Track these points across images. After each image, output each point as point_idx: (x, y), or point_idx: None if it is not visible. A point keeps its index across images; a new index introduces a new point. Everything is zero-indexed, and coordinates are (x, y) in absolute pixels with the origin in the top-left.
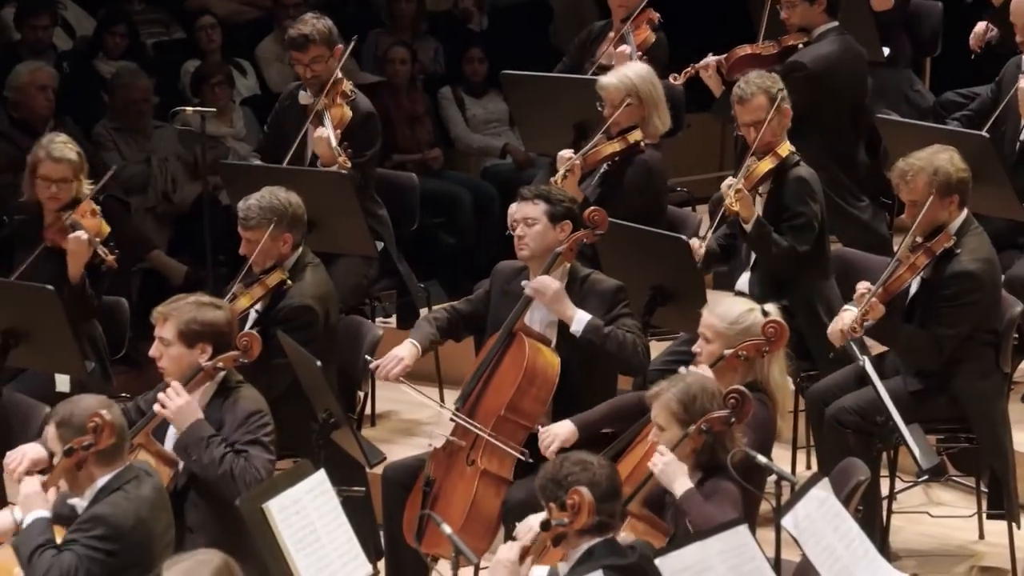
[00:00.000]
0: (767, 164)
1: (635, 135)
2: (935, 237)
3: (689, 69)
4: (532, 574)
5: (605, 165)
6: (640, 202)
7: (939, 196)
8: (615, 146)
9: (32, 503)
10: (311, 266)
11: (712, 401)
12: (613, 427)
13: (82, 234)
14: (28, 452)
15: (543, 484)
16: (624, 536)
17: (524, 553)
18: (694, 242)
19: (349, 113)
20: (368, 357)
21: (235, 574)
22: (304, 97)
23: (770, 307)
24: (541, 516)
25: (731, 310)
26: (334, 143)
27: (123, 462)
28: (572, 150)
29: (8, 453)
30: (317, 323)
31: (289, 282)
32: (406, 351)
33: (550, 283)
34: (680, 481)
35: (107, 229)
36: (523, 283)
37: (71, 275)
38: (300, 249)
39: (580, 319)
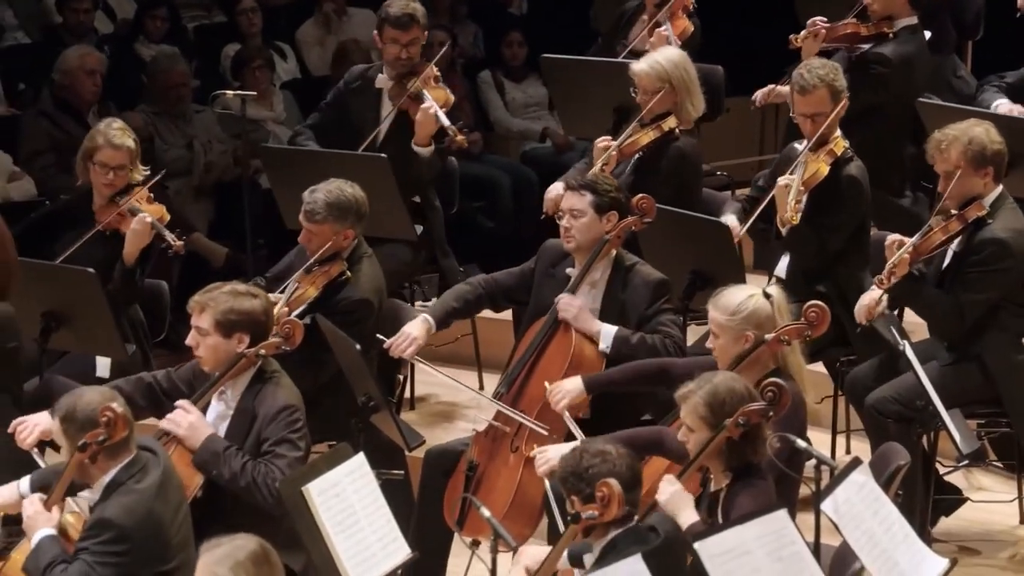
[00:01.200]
0: (824, 168)
1: (669, 122)
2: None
3: (807, 32)
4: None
5: (639, 152)
6: (672, 189)
7: (973, 167)
8: (650, 134)
9: (36, 523)
10: (367, 257)
11: (740, 401)
12: (629, 388)
13: (147, 216)
14: (40, 423)
15: (564, 477)
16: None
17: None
18: (735, 226)
19: (451, 97)
20: (380, 336)
21: (271, 559)
22: (382, 80)
23: (772, 289)
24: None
25: (731, 301)
26: (446, 121)
27: (130, 453)
28: (609, 138)
29: (16, 421)
30: (373, 316)
31: (348, 274)
32: (418, 329)
33: (571, 303)
34: (686, 513)
35: (168, 215)
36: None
37: (126, 255)
38: (357, 240)
39: (606, 334)
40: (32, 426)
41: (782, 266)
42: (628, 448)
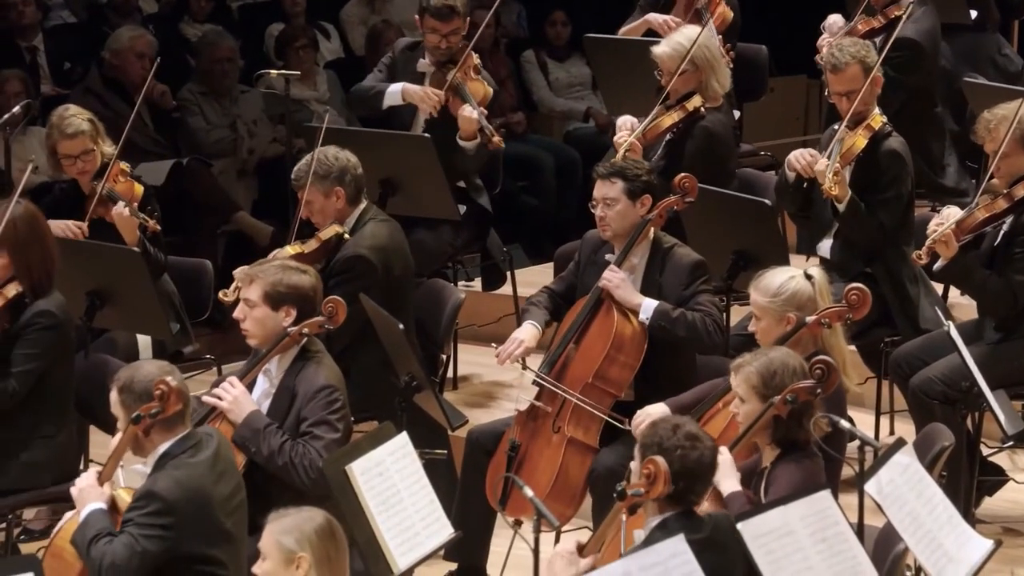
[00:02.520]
0: (862, 141)
1: (694, 102)
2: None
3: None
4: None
5: (669, 134)
6: (704, 169)
7: (1022, 146)
8: (674, 116)
9: (87, 496)
10: (373, 221)
11: (793, 377)
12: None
13: (122, 206)
14: (524, 340)
15: (648, 444)
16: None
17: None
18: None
19: (490, 90)
20: (494, 345)
21: (336, 535)
22: (423, 65)
23: (813, 271)
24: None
25: (772, 282)
26: (484, 122)
27: (185, 427)
28: (630, 124)
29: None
30: (371, 273)
31: (347, 236)
32: (527, 333)
33: (615, 275)
34: (728, 482)
35: (140, 190)
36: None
37: (128, 243)
38: (363, 206)
39: (647, 307)
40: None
41: (825, 246)
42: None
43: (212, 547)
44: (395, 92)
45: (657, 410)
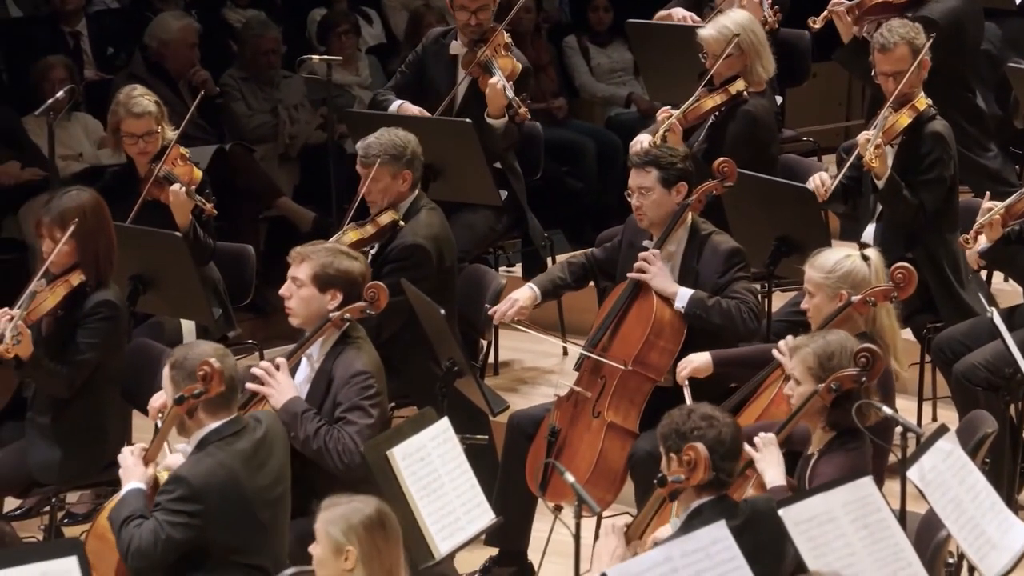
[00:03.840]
0: (905, 118)
1: (737, 85)
2: None
3: (826, 12)
4: (659, 533)
5: (712, 117)
6: (746, 153)
7: None
8: (716, 98)
9: (130, 475)
10: (426, 208)
11: (850, 362)
12: (752, 370)
13: (179, 187)
14: (518, 299)
15: (667, 433)
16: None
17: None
18: (823, 177)
19: (519, 66)
20: (488, 306)
21: (386, 524)
22: (456, 47)
23: (870, 251)
24: None
25: (828, 259)
26: (511, 94)
27: (230, 412)
28: (670, 108)
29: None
30: (428, 263)
31: (402, 223)
32: (523, 295)
33: (649, 264)
34: (772, 472)
35: (199, 174)
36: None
37: (179, 226)
38: (416, 192)
39: (683, 295)
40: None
41: (869, 232)
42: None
43: (243, 537)
44: (394, 110)
45: (700, 358)
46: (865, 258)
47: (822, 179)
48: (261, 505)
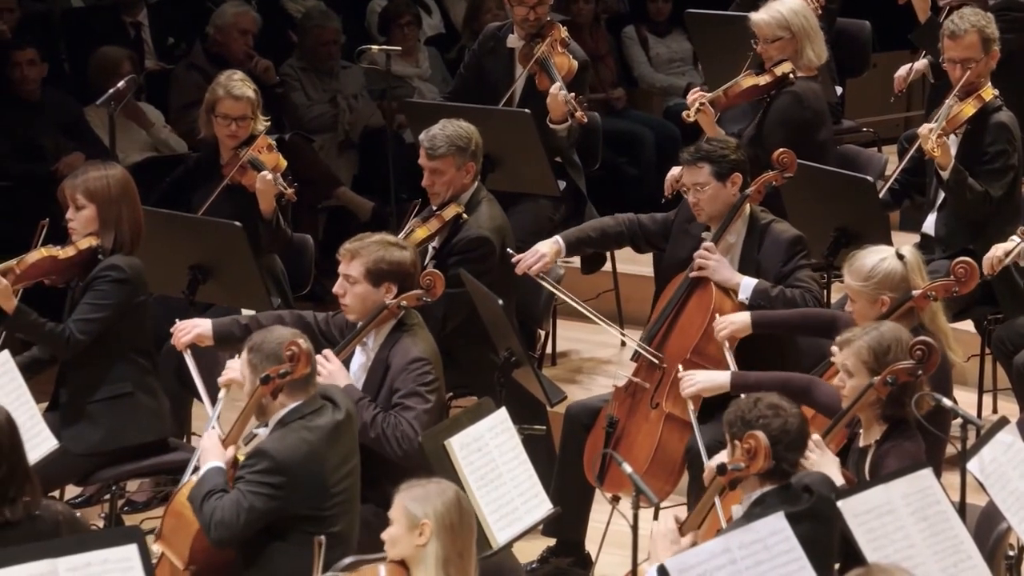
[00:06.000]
0: (970, 108)
1: (783, 67)
2: None
3: None
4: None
5: (763, 104)
6: (784, 134)
7: None
8: (758, 79)
9: (209, 455)
10: (486, 200)
11: (905, 354)
12: (793, 334)
13: (267, 174)
14: (198, 326)
15: (732, 420)
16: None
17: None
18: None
19: (575, 64)
20: (510, 251)
21: (462, 506)
22: (513, 40)
23: (906, 250)
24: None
25: (864, 264)
26: (571, 100)
27: (308, 393)
28: (698, 88)
29: (177, 324)
30: (493, 255)
31: (465, 215)
32: (547, 247)
33: (709, 257)
34: (831, 472)
35: (284, 163)
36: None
37: (263, 212)
38: (476, 184)
39: (746, 286)
40: (190, 328)
41: (930, 222)
42: (777, 391)
43: (321, 510)
44: None
45: (739, 317)
46: (900, 257)
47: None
48: (338, 480)
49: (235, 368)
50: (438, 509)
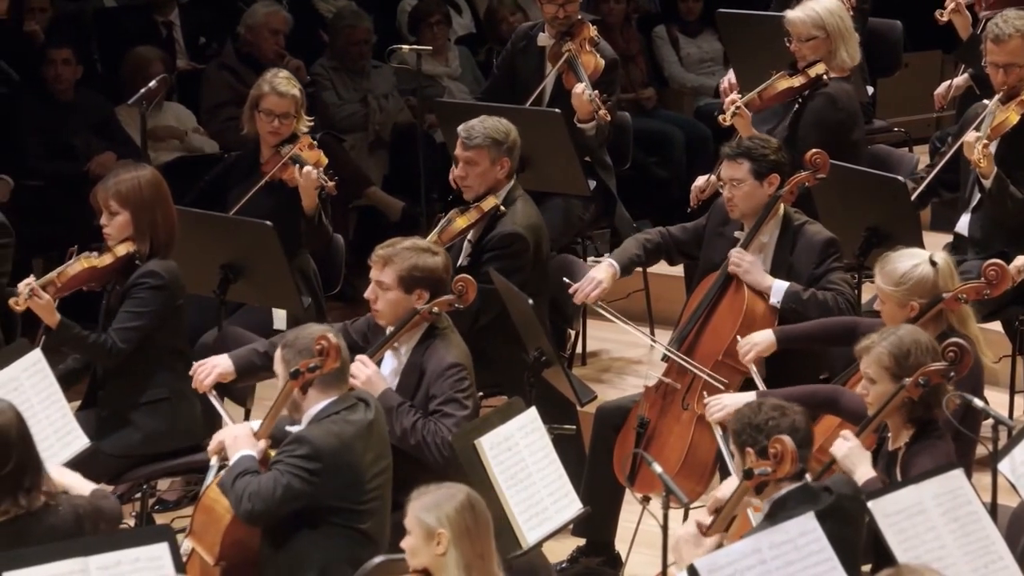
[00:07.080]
0: (1015, 116)
1: (816, 68)
2: None
3: (951, 4)
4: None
5: (796, 105)
6: (824, 135)
7: None
8: (793, 80)
9: (241, 444)
10: (522, 198)
11: (926, 355)
12: (817, 346)
13: (311, 170)
14: (218, 365)
15: (739, 429)
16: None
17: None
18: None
19: (602, 62)
20: (566, 280)
21: (476, 508)
22: (543, 38)
23: (938, 256)
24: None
25: (896, 269)
26: (595, 98)
27: (341, 390)
28: (736, 91)
29: (195, 364)
30: (527, 252)
31: (502, 208)
32: (603, 273)
33: (742, 258)
34: (862, 468)
35: (325, 160)
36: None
37: (306, 208)
38: (512, 181)
39: (778, 289)
40: (210, 368)
41: (964, 222)
42: (804, 405)
43: (353, 503)
44: None
45: (763, 336)
46: (933, 263)
47: None
48: (371, 476)
49: (219, 437)
50: (451, 516)
